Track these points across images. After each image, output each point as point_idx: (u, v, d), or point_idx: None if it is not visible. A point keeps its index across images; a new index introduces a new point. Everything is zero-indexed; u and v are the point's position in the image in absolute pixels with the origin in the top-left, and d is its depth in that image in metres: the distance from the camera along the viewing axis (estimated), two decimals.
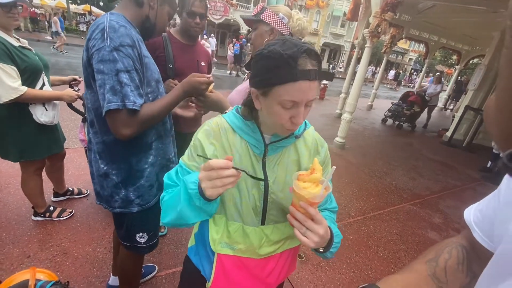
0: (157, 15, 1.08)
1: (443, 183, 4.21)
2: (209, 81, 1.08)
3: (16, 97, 1.51)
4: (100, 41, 0.87)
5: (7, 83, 1.47)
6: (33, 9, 15.53)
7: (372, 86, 9.94)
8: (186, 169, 0.74)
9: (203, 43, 11.17)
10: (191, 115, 1.32)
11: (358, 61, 5.89)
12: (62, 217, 2.07)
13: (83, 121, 1.90)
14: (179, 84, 1.08)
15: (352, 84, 5.08)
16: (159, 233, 2.07)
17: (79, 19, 19.13)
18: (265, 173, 0.74)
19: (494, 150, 4.66)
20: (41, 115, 1.69)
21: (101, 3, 21.96)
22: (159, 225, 1.35)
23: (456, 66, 10.45)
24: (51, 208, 2.06)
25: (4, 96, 1.49)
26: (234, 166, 0.59)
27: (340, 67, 23.64)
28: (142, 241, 1.23)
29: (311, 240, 0.63)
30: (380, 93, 13.72)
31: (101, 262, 1.79)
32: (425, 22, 7.02)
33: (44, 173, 2.03)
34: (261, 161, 0.74)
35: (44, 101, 1.70)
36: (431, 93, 7.61)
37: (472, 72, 9.92)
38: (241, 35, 12.47)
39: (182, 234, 2.17)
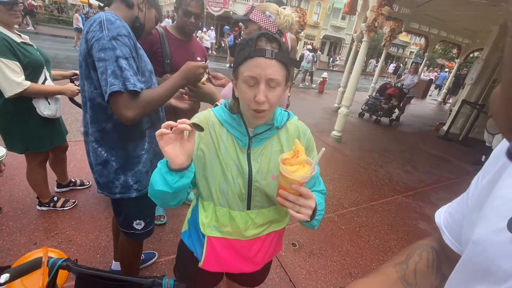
0: (146, 17, 1.17)
1: (437, 176, 4.30)
2: (205, 65, 1.15)
3: (20, 92, 1.57)
4: (99, 32, 0.94)
5: (12, 78, 1.53)
6: (30, 1, 15.35)
7: (372, 80, 9.94)
8: None
9: (202, 36, 11.13)
10: (186, 107, 1.39)
11: (357, 54, 5.92)
12: (66, 207, 2.16)
13: None
14: (177, 72, 1.13)
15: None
16: (159, 222, 2.19)
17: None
18: (249, 163, 0.81)
19: (487, 143, 4.73)
20: (44, 108, 1.76)
21: None
22: (154, 214, 1.45)
23: (456, 60, 10.43)
24: (55, 198, 2.15)
25: (8, 91, 1.55)
26: (193, 122, 0.67)
27: (337, 60, 23.39)
28: (139, 228, 1.32)
29: (306, 214, 0.70)
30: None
31: (103, 249, 1.89)
32: (425, 15, 6.99)
33: (47, 165, 2.11)
34: (246, 152, 0.81)
35: (47, 95, 1.76)
36: (409, 85, 7.19)
37: (469, 66, 9.93)
38: (237, 28, 12.38)
39: (181, 224, 2.26)
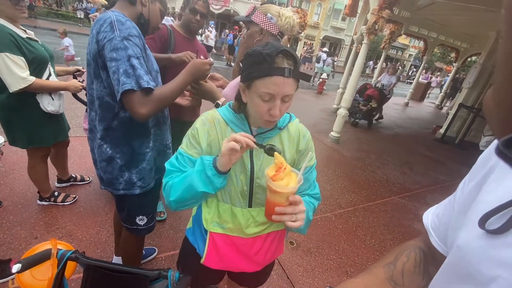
0: (150, 12, 1.16)
1: (433, 178, 4.36)
2: (211, 62, 1.19)
3: (25, 87, 1.59)
4: (110, 33, 0.96)
5: (17, 73, 1.54)
6: None
7: (371, 82, 10.00)
8: (187, 155, 0.84)
9: (207, 34, 11.14)
10: (187, 104, 1.41)
11: (357, 56, 5.96)
12: (66, 202, 2.17)
13: (87, 110, 1.98)
14: (183, 70, 1.15)
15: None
16: (159, 218, 2.21)
17: (76, 5, 18.79)
18: (251, 160, 0.84)
19: (481, 148, 4.80)
20: (48, 104, 1.78)
21: None
22: (156, 209, 1.47)
23: (454, 64, 10.53)
24: (56, 193, 2.16)
25: (13, 86, 1.56)
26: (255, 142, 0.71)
27: (335, 60, 23.45)
28: (142, 223, 1.34)
29: (302, 219, 0.73)
30: None
31: (104, 244, 1.91)
32: (425, 19, 7.06)
33: (48, 161, 2.12)
34: (249, 150, 0.83)
35: (51, 91, 1.78)
36: (386, 85, 6.89)
37: (467, 70, 10.03)
38: (236, 26, 12.40)
39: (180, 220, 2.29)
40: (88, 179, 2.49)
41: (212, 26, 12.71)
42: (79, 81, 1.95)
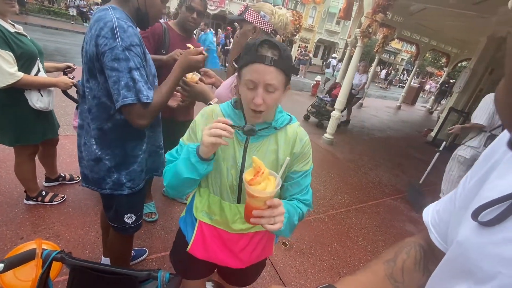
0: (147, 3, 1.08)
1: (424, 180, 4.42)
2: (200, 49, 1.16)
3: (13, 83, 1.54)
4: (112, 40, 0.93)
5: (5, 68, 1.49)
6: None
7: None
8: (185, 146, 0.85)
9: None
10: (173, 105, 1.36)
11: (350, 59, 6.02)
12: (54, 201, 2.11)
13: (77, 108, 1.93)
14: (175, 65, 1.13)
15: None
16: (150, 219, 2.17)
17: (68, 2, 18.48)
18: (244, 157, 0.84)
19: (458, 154, 4.83)
20: (37, 101, 1.73)
21: None
22: (143, 206, 1.45)
23: (445, 68, 10.76)
24: (43, 192, 2.10)
25: (1, 81, 1.51)
26: (232, 124, 0.72)
27: (325, 62, 23.58)
28: (130, 222, 1.31)
29: (280, 222, 0.71)
30: (371, 92, 14.00)
31: (93, 245, 1.86)
32: (417, 24, 7.20)
33: (36, 159, 2.06)
34: (243, 146, 0.84)
35: (40, 87, 1.73)
36: (356, 85, 6.38)
37: (457, 75, 10.25)
38: (229, 27, 12.41)
39: (172, 221, 2.25)
40: (77, 178, 2.43)
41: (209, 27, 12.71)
42: (69, 78, 1.90)
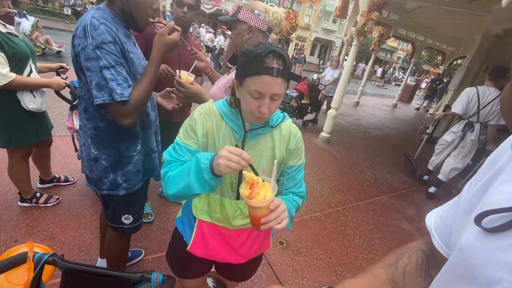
0: (130, 4, 1.02)
1: (420, 178, 4.45)
2: (178, 30, 1.08)
3: (5, 84, 1.52)
4: (83, 40, 0.92)
5: None
6: None
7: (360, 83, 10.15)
8: (183, 145, 0.85)
9: (210, 36, 10.97)
10: (169, 108, 1.35)
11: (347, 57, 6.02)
12: (49, 203, 2.09)
13: (71, 109, 1.92)
14: (153, 51, 1.07)
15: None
16: (146, 220, 2.16)
17: (63, 1, 18.27)
18: None
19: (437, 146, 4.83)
20: (29, 102, 1.71)
21: None
22: (143, 209, 1.44)
23: (441, 66, 10.82)
24: (38, 194, 2.08)
25: None
26: (250, 164, 0.72)
27: (321, 61, 23.52)
28: (127, 222, 1.31)
29: (286, 219, 0.75)
30: (367, 90, 14.05)
31: (88, 247, 1.85)
32: (412, 22, 7.22)
33: (30, 160, 2.04)
34: (240, 144, 0.85)
35: (33, 88, 1.71)
36: (328, 80, 6.10)
37: (453, 72, 10.31)
38: (223, 26, 12.37)
39: (168, 222, 2.25)
40: (72, 179, 2.41)
41: (203, 26, 12.64)
42: (62, 78, 1.89)
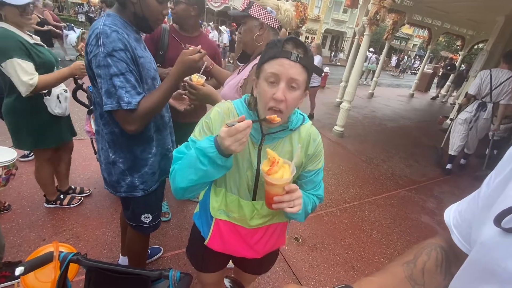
0: (142, 7, 1.05)
1: (440, 169, 4.29)
2: (202, 54, 1.09)
3: (32, 90, 1.58)
4: (95, 47, 0.95)
5: (25, 79, 1.54)
6: None
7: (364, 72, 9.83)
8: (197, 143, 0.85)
9: (214, 34, 10.97)
10: (181, 109, 1.36)
11: (359, 48, 5.85)
12: (72, 204, 2.20)
13: (88, 113, 1.99)
14: (173, 68, 1.09)
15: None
16: (164, 219, 2.22)
17: (77, 9, 18.93)
18: (259, 159, 0.85)
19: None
20: (55, 107, 1.81)
21: None
22: (161, 208, 1.48)
23: (460, 52, 10.28)
24: (61, 196, 2.19)
25: (24, 92, 1.58)
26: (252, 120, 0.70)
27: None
28: (147, 221, 1.35)
29: (299, 204, 0.76)
30: (382, 81, 13.63)
31: (110, 245, 1.93)
32: (428, 7, 6.89)
33: None
34: (257, 148, 0.84)
35: (58, 82, 1.73)
36: None
37: (474, 58, 9.75)
38: (233, 23, 12.31)
39: (185, 220, 2.30)
40: (87, 191, 2.39)
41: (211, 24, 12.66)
42: (78, 83, 1.97)
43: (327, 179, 3.36)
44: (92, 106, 1.23)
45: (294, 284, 0.53)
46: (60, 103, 1.85)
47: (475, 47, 10.11)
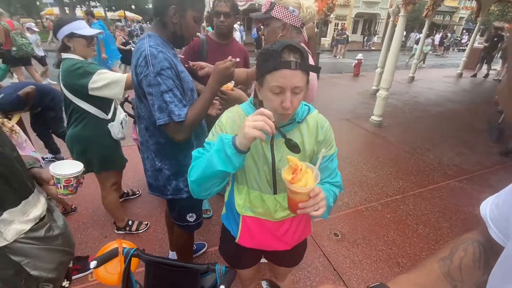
0: (182, 27, 1.15)
1: (498, 156, 3.84)
2: (233, 62, 1.17)
3: (123, 86, 1.61)
4: (145, 68, 1.05)
5: (114, 79, 1.60)
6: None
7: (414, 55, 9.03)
8: (212, 142, 0.89)
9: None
10: (213, 114, 1.42)
11: (394, 30, 5.45)
12: (140, 230, 2.22)
13: (134, 122, 2.20)
14: (209, 79, 1.19)
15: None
16: (206, 216, 2.37)
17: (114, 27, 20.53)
18: (272, 153, 0.88)
19: None
20: (118, 132, 1.84)
21: (133, 7, 23.22)
22: (202, 207, 1.58)
23: None
24: (130, 222, 2.21)
25: (119, 93, 1.62)
26: (276, 126, 0.72)
27: (366, 37, 21.14)
28: (192, 220, 1.47)
29: (324, 207, 0.77)
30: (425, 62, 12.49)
31: (160, 241, 2.13)
32: None
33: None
34: (269, 143, 0.88)
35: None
36: None
37: None
38: (259, 22, 12.27)
39: None
40: (138, 192, 2.66)
41: (239, 23, 12.81)
42: (126, 98, 2.16)
43: (366, 173, 3.24)
44: (136, 119, 1.36)
45: (330, 285, 0.55)
46: (123, 128, 1.90)
47: None
